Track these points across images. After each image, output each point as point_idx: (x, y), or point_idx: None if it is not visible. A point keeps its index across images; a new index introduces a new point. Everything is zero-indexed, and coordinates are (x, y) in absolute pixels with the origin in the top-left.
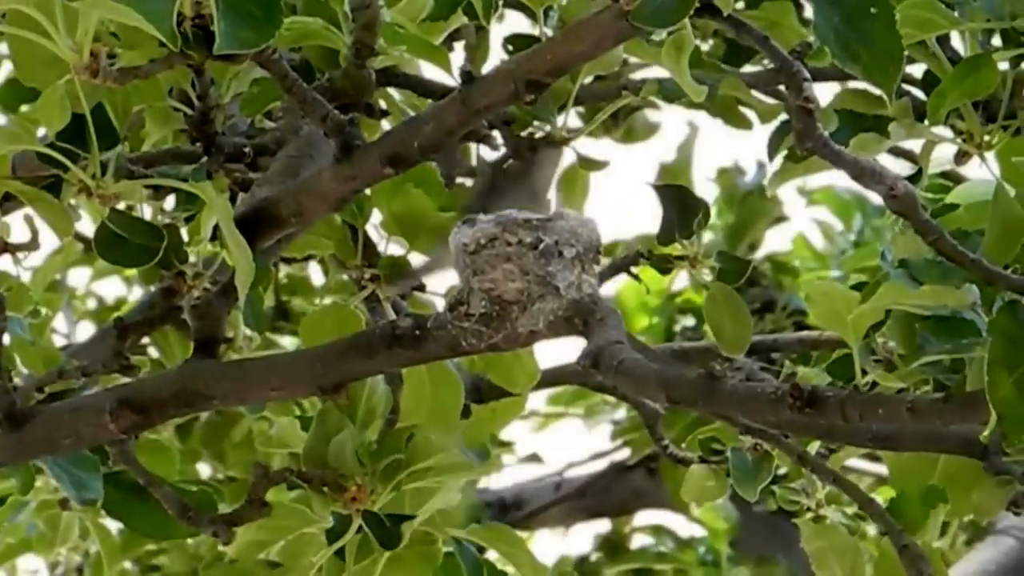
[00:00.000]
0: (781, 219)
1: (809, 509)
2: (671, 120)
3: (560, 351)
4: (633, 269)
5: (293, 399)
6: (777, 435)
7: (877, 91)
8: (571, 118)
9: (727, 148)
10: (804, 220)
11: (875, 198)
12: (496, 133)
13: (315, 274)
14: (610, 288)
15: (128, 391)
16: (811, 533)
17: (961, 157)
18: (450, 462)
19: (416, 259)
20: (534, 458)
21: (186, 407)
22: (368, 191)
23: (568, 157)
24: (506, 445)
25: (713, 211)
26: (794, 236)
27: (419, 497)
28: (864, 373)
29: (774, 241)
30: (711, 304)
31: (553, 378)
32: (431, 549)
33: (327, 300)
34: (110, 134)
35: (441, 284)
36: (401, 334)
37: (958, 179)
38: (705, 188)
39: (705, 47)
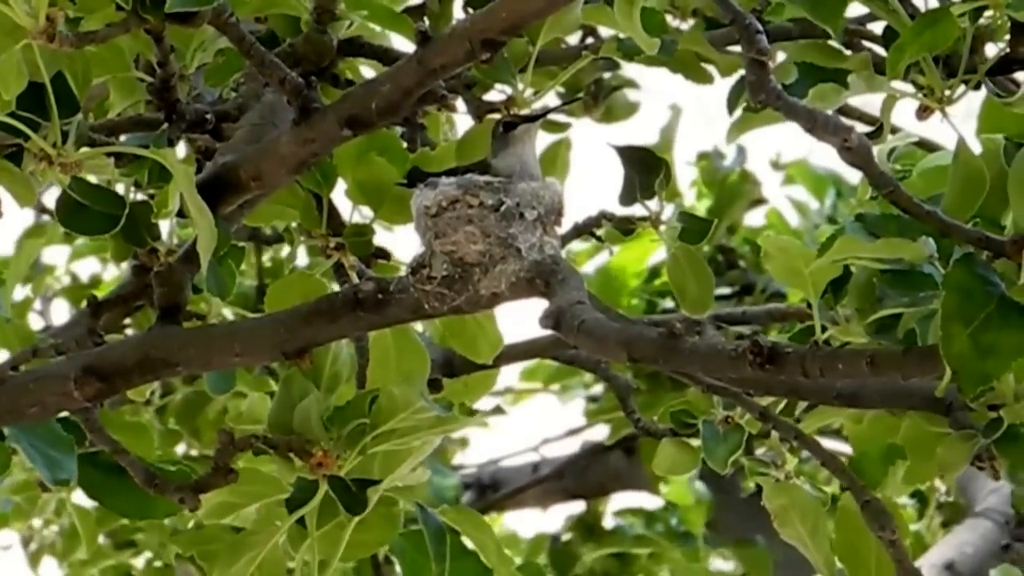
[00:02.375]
0: (760, 201)
1: (778, 481)
2: (655, 104)
3: (532, 325)
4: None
5: (257, 364)
6: (739, 392)
7: (836, 43)
8: (551, 98)
9: (708, 135)
10: (779, 196)
11: (850, 175)
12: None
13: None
14: (590, 271)
15: (92, 358)
16: (772, 491)
17: (923, 112)
18: (415, 421)
19: None
20: (498, 410)
21: (150, 374)
22: (333, 160)
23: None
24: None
25: (692, 193)
26: (767, 211)
27: (387, 462)
28: (824, 330)
29: (749, 220)
30: (674, 265)
31: (524, 352)
32: (391, 511)
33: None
34: (70, 102)
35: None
36: (364, 298)
37: (932, 147)
38: (684, 172)
39: (685, 27)
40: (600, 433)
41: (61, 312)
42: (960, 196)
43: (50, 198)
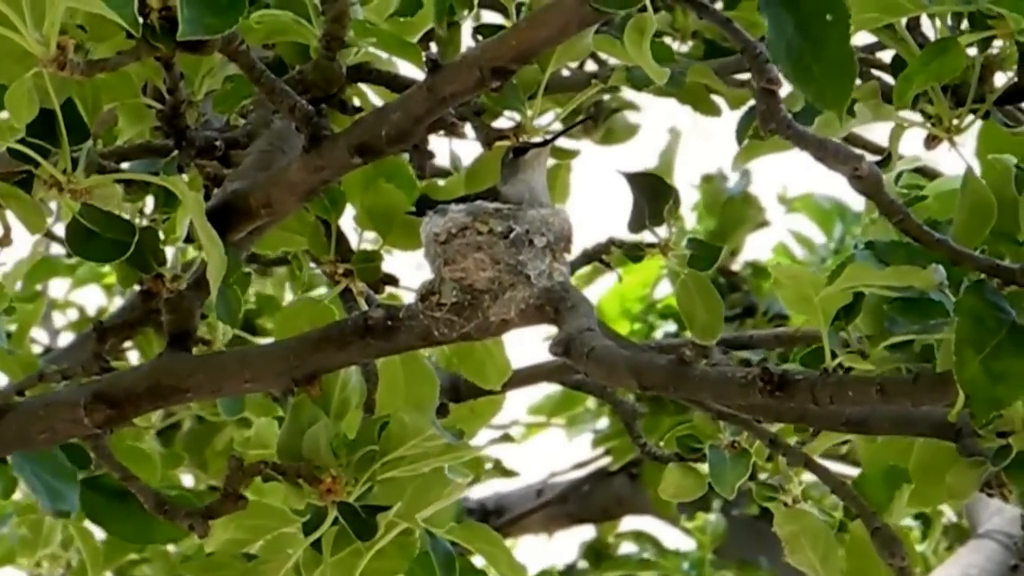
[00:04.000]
0: (763, 224)
1: (785, 505)
2: (655, 126)
3: (537, 351)
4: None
5: (267, 391)
6: (749, 420)
7: None
8: (555, 125)
9: (710, 156)
10: (784, 231)
11: (855, 205)
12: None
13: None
14: (592, 297)
15: (102, 385)
16: (783, 517)
17: (931, 141)
18: (424, 448)
19: None
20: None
21: (160, 400)
22: (341, 186)
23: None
24: (490, 459)
25: (694, 217)
26: (774, 244)
27: (397, 489)
28: (834, 356)
29: (756, 250)
30: (683, 291)
31: (530, 376)
32: (408, 540)
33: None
34: (80, 129)
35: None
36: (373, 325)
37: (933, 175)
38: (688, 194)
39: (684, 48)
40: (604, 463)
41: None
42: (968, 223)
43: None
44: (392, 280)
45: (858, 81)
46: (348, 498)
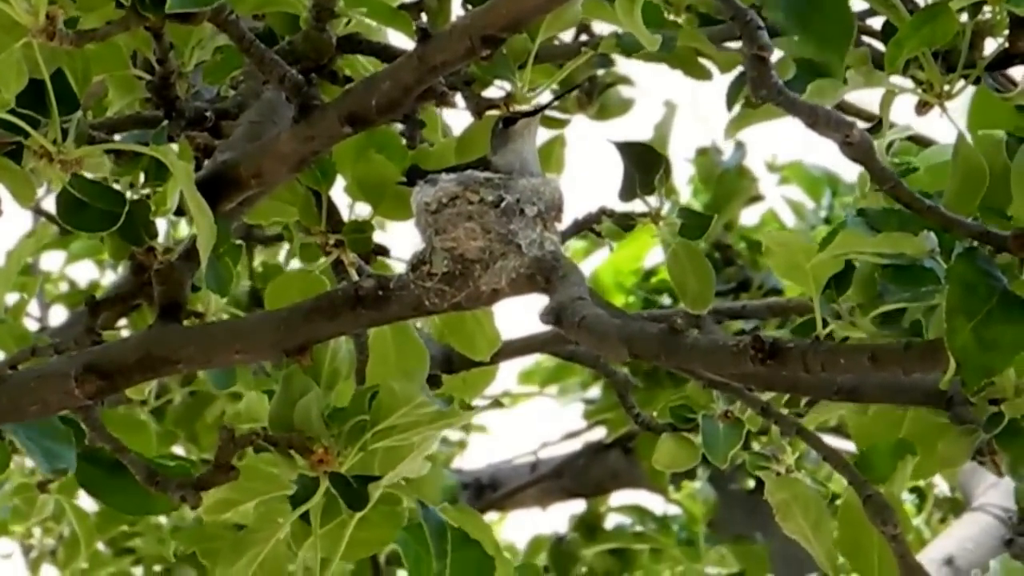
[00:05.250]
0: (756, 198)
1: (778, 475)
2: (650, 101)
3: (529, 322)
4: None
5: (257, 362)
6: (740, 388)
7: None
8: (546, 95)
9: (705, 132)
10: (774, 201)
11: (844, 174)
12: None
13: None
14: (586, 269)
15: (93, 357)
16: (774, 485)
17: (922, 107)
18: (415, 417)
19: None
20: (497, 404)
21: (151, 372)
22: (332, 157)
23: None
24: (481, 429)
25: (688, 190)
26: (764, 213)
27: (388, 459)
28: (825, 324)
29: (745, 220)
30: (674, 261)
31: (523, 347)
32: (395, 510)
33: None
34: (70, 99)
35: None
36: (364, 295)
37: (926, 143)
38: (683, 168)
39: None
40: (598, 434)
41: (60, 319)
42: (960, 191)
43: (47, 201)
44: (383, 251)
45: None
46: (340, 468)
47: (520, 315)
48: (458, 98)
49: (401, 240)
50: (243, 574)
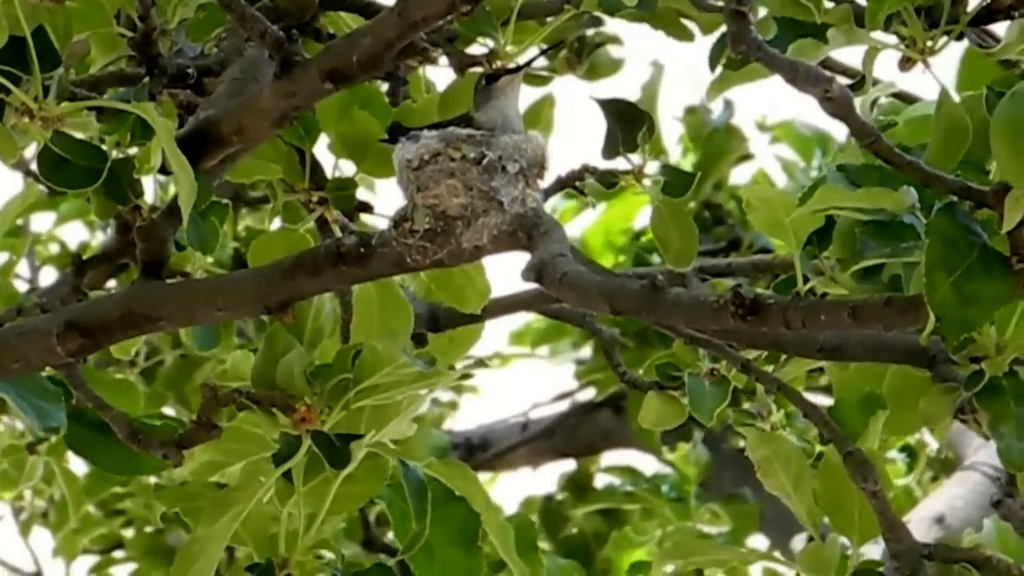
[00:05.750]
0: (746, 157)
1: (762, 432)
2: (639, 60)
3: (516, 282)
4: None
5: (240, 318)
6: (721, 345)
7: None
8: (533, 52)
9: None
10: (764, 160)
11: (837, 133)
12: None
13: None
14: (575, 230)
15: (75, 314)
16: (756, 441)
17: (905, 63)
18: (398, 376)
19: None
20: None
21: (132, 329)
22: (315, 114)
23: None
24: (472, 389)
25: (678, 150)
26: (754, 172)
27: (372, 418)
28: (806, 281)
29: (736, 180)
30: (657, 218)
31: (509, 305)
32: (379, 464)
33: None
34: (51, 56)
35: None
36: (346, 252)
37: (911, 99)
38: (670, 127)
39: None
40: (589, 394)
41: (50, 280)
42: (943, 147)
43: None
44: (367, 208)
45: (831, 4)
46: (322, 427)
47: (506, 274)
48: (441, 55)
49: (387, 198)
50: (225, 532)
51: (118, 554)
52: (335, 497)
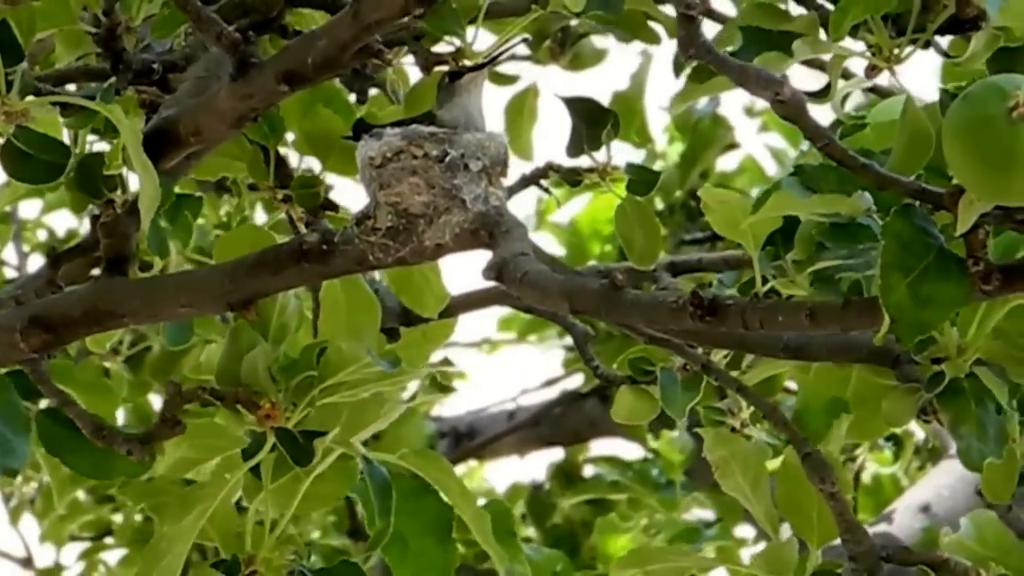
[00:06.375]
0: (732, 146)
1: (734, 429)
2: (624, 49)
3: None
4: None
5: (203, 315)
6: (681, 344)
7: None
8: (519, 47)
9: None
10: (754, 144)
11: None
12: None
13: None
14: (563, 216)
15: (38, 309)
16: (713, 442)
17: (871, 71)
18: (362, 375)
19: None
20: (447, 362)
21: (96, 325)
22: (280, 112)
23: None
24: (461, 375)
25: (664, 139)
26: (742, 158)
27: (335, 414)
28: (767, 281)
29: (724, 166)
30: (621, 216)
31: (478, 301)
32: (348, 465)
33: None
34: (14, 50)
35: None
36: (308, 249)
37: (887, 93)
38: (657, 117)
39: None
40: (576, 382)
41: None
42: (907, 153)
43: None
44: (332, 205)
45: (802, 10)
46: (287, 424)
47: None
48: (401, 56)
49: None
50: (192, 529)
51: (108, 540)
52: (305, 496)
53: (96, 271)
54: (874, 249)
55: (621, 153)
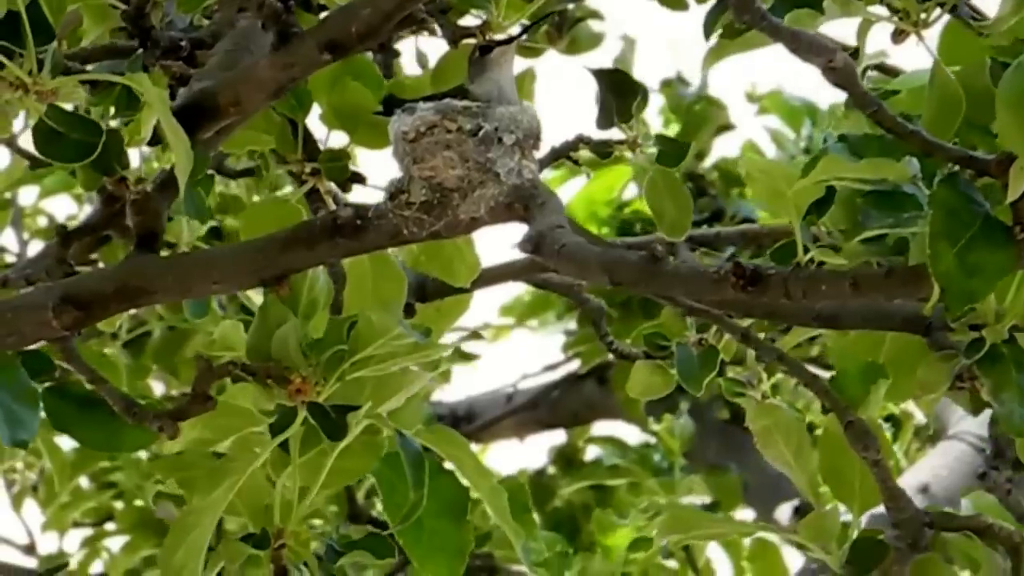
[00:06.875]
0: (727, 127)
1: (756, 402)
2: (616, 32)
3: (504, 251)
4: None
5: (235, 291)
6: (720, 315)
7: None
8: (516, 28)
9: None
10: (754, 127)
11: (824, 104)
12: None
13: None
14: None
15: (70, 287)
16: (756, 412)
17: (898, 36)
18: (392, 348)
19: None
20: (476, 335)
21: (128, 302)
22: (308, 85)
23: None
24: (469, 358)
25: (658, 121)
26: (743, 142)
27: (374, 390)
28: (806, 251)
29: (725, 151)
30: (652, 188)
31: (499, 275)
32: (375, 439)
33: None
34: (45, 30)
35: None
36: (342, 224)
37: (894, 72)
38: (652, 99)
39: None
40: (576, 365)
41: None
42: (937, 118)
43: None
44: (360, 179)
45: None
46: (317, 398)
47: (495, 244)
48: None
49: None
50: (220, 503)
51: (110, 526)
52: (331, 470)
53: (95, 254)
54: (919, 217)
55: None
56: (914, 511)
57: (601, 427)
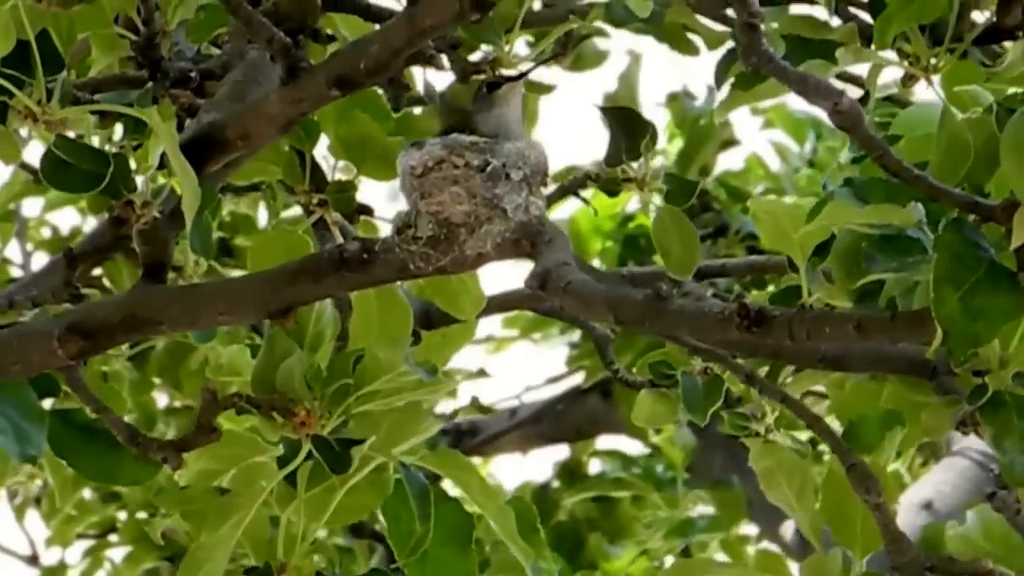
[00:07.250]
0: (731, 143)
1: (758, 434)
2: (621, 49)
3: (511, 277)
4: (583, 193)
5: (242, 323)
6: (725, 355)
7: (822, 16)
8: (520, 47)
9: (676, 73)
10: (759, 141)
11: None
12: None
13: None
14: (563, 213)
15: (76, 317)
16: (759, 452)
17: (908, 80)
18: (398, 383)
19: None
20: (482, 373)
21: (134, 332)
22: (315, 116)
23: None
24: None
25: (663, 136)
26: (747, 156)
27: (372, 423)
28: (811, 294)
29: (729, 164)
30: (659, 226)
31: (503, 303)
32: (382, 477)
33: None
34: (55, 60)
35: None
36: (349, 257)
37: (904, 103)
38: (655, 113)
39: None
40: (581, 378)
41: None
42: (945, 164)
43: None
44: (367, 210)
45: (838, 21)
46: (322, 431)
47: (501, 269)
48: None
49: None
50: (230, 538)
51: (113, 538)
52: (337, 508)
53: (99, 270)
54: (923, 262)
55: None
56: (915, 555)
57: (604, 441)
